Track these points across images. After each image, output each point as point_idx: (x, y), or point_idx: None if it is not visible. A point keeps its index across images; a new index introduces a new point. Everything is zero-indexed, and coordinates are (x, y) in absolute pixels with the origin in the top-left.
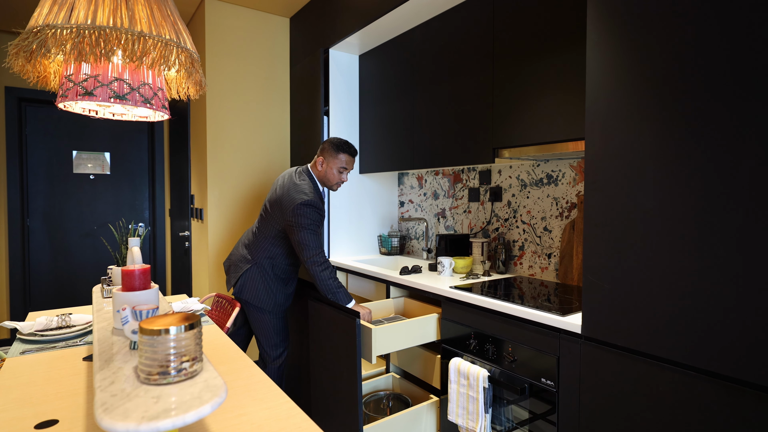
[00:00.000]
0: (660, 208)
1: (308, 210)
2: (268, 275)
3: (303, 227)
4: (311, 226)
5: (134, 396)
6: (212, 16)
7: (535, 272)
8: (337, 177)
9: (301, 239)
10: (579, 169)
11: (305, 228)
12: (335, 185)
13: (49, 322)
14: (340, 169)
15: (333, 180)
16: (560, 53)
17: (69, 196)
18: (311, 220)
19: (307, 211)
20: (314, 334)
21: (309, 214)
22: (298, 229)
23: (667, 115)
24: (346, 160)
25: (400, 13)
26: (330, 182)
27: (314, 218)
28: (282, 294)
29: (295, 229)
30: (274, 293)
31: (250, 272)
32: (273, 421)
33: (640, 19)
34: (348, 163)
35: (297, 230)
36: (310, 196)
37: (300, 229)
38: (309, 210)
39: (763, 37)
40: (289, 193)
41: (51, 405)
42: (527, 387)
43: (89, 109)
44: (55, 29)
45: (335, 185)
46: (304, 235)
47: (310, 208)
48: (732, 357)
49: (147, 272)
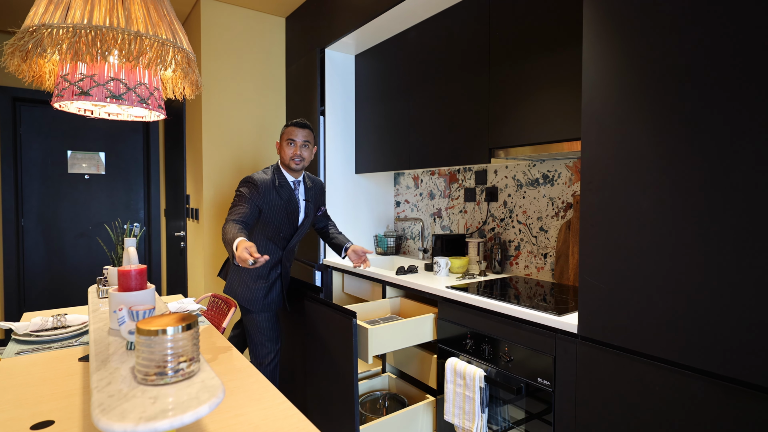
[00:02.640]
0: (655, 208)
1: (241, 185)
2: (239, 270)
3: (234, 200)
4: (237, 197)
5: (131, 396)
6: (208, 15)
7: (531, 272)
8: (288, 152)
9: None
10: (575, 170)
11: (234, 200)
12: (291, 161)
13: (44, 322)
14: (288, 141)
15: (286, 156)
16: (556, 53)
17: (64, 196)
18: (238, 192)
19: (240, 185)
20: (310, 334)
21: (240, 188)
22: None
23: (663, 115)
24: (289, 131)
25: (395, 14)
26: (285, 160)
27: (243, 190)
28: (260, 291)
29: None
30: (246, 289)
31: (228, 265)
32: (270, 421)
33: (636, 19)
34: (292, 133)
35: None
36: (251, 174)
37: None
38: (241, 184)
39: (759, 39)
40: None
41: (47, 406)
42: (523, 387)
43: (85, 109)
44: (51, 29)
45: (291, 161)
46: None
47: (243, 183)
48: (727, 356)
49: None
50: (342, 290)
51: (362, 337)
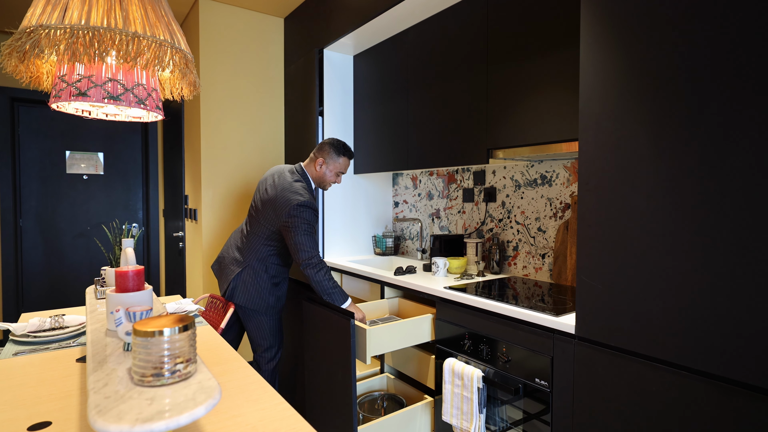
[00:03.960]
0: (653, 208)
1: (304, 211)
2: (260, 277)
3: (299, 229)
4: (307, 227)
5: (128, 398)
6: (206, 16)
7: (529, 272)
8: (334, 179)
9: (297, 241)
10: (573, 170)
11: (301, 230)
12: (329, 186)
13: (42, 323)
14: (338, 172)
15: (329, 181)
16: (554, 54)
17: (62, 197)
18: (307, 221)
19: (303, 212)
20: (309, 334)
21: (305, 216)
22: (294, 231)
23: (661, 116)
24: (346, 164)
25: (394, 14)
26: (325, 183)
27: (310, 219)
28: (274, 295)
29: (291, 230)
30: (267, 295)
31: (242, 275)
32: (267, 422)
33: (633, 20)
34: (346, 166)
35: (293, 232)
36: (305, 197)
37: (296, 231)
38: (305, 211)
39: (757, 39)
40: (284, 194)
41: (44, 407)
42: (521, 387)
43: (82, 110)
44: (48, 29)
45: (329, 186)
46: (300, 238)
47: (306, 209)
48: (725, 357)
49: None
50: None
51: (360, 338)
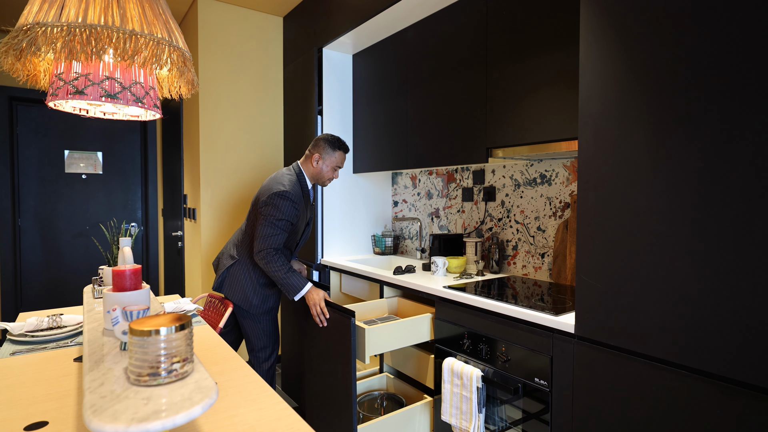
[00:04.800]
0: (653, 207)
1: (280, 201)
2: (249, 275)
3: (267, 218)
4: (275, 219)
5: (124, 397)
6: (205, 15)
7: (529, 272)
8: (331, 174)
9: (261, 230)
10: (572, 169)
11: (268, 220)
12: (327, 181)
13: (39, 322)
14: (336, 167)
15: (327, 177)
16: (553, 53)
17: (61, 196)
18: (280, 212)
19: (279, 202)
20: (309, 334)
21: (280, 205)
22: (262, 219)
23: (661, 116)
24: (342, 158)
25: (393, 13)
26: (323, 179)
27: (285, 211)
28: (260, 295)
29: (261, 218)
30: (252, 293)
31: (231, 269)
32: (265, 422)
33: (633, 19)
34: (343, 160)
35: (261, 220)
36: (287, 188)
37: (264, 219)
38: (281, 201)
39: (755, 39)
40: (269, 184)
41: (41, 406)
42: (520, 387)
43: (80, 108)
44: (45, 27)
45: (327, 181)
46: (263, 228)
47: (283, 199)
48: (724, 356)
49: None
50: (340, 290)
51: (360, 337)
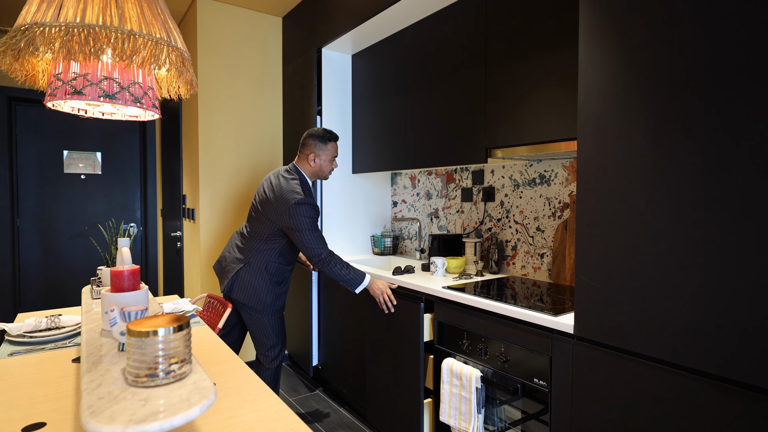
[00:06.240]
0: (652, 208)
1: (303, 208)
2: (261, 275)
3: (302, 227)
4: (309, 224)
5: (121, 399)
6: (204, 15)
7: (528, 272)
8: (330, 166)
9: (303, 239)
10: (571, 169)
11: (304, 228)
12: (329, 174)
13: (38, 323)
14: (332, 158)
15: (327, 170)
16: (553, 53)
17: (60, 197)
18: (309, 217)
19: (303, 209)
20: (373, 323)
21: (305, 212)
22: (298, 230)
23: (660, 115)
24: (335, 148)
25: (392, 13)
26: (324, 173)
27: (311, 215)
28: (273, 293)
29: (295, 231)
30: (265, 293)
31: (242, 272)
32: (264, 423)
33: (632, 20)
34: (336, 149)
35: (297, 232)
36: (302, 194)
37: (300, 230)
38: (304, 208)
39: (754, 40)
40: (283, 195)
41: (39, 407)
42: (520, 387)
43: (78, 108)
44: (43, 27)
45: (329, 174)
46: (305, 236)
47: (304, 206)
48: (723, 356)
49: (136, 273)
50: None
51: None
